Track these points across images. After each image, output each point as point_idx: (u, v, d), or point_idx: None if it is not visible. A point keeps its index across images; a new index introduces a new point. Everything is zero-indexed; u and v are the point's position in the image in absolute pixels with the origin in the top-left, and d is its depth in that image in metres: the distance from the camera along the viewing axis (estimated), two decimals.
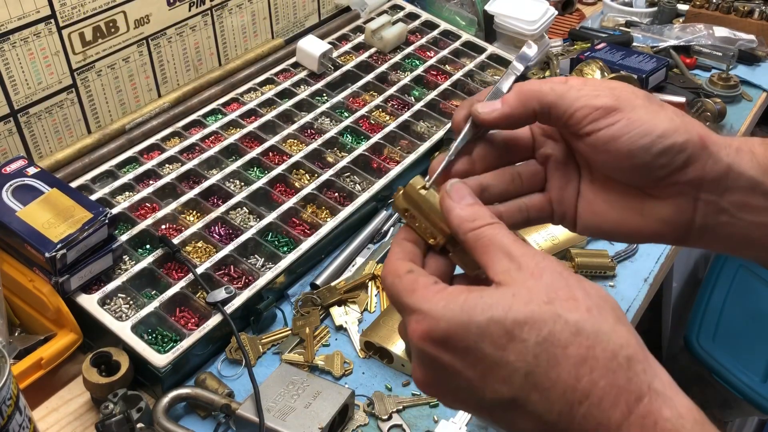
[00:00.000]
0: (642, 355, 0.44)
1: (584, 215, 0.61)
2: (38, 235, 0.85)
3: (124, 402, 0.80)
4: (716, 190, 0.57)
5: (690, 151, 0.56)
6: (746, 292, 1.67)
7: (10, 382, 0.65)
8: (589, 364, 0.43)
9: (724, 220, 0.58)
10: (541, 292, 0.45)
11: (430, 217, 0.53)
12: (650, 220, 0.59)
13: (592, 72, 1.29)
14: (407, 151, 1.17)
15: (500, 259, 0.48)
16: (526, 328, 0.44)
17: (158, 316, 0.89)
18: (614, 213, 0.60)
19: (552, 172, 0.61)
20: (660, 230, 0.59)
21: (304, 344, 0.91)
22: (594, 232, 0.62)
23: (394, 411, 0.84)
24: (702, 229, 0.58)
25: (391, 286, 0.50)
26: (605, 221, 0.60)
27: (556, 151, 0.61)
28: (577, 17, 1.73)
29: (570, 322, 0.44)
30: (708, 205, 0.57)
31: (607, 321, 0.44)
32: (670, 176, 0.57)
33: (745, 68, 1.51)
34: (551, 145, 0.61)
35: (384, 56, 1.38)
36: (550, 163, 0.61)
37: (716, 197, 0.57)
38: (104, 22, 1.08)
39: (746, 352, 1.55)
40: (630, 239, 0.62)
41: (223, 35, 1.29)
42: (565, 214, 0.61)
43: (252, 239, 0.99)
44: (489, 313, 0.45)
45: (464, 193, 0.52)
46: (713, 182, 0.57)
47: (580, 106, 0.55)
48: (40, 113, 1.06)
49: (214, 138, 1.17)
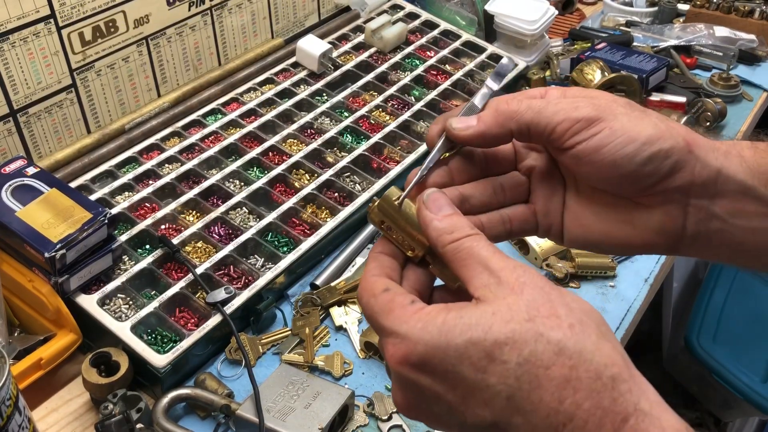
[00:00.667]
0: (627, 373, 0.42)
1: (571, 228, 0.59)
2: (38, 235, 0.85)
3: (124, 402, 0.80)
4: (706, 195, 0.55)
5: (676, 156, 0.54)
6: (746, 292, 1.67)
7: (10, 382, 0.64)
8: (573, 385, 0.41)
9: (717, 227, 0.56)
10: (521, 309, 0.43)
11: (408, 230, 0.51)
12: (640, 230, 0.57)
13: (592, 72, 1.29)
14: (407, 151, 1.17)
15: (479, 273, 0.46)
16: (507, 349, 0.42)
17: (158, 317, 0.89)
18: (602, 225, 0.58)
19: (536, 184, 0.59)
20: (651, 240, 0.57)
21: (304, 344, 0.91)
22: (582, 245, 0.59)
23: (394, 411, 0.84)
24: (694, 237, 0.56)
25: (367, 306, 0.48)
26: (593, 233, 0.58)
27: (539, 162, 0.59)
28: (577, 17, 1.73)
29: (552, 341, 0.42)
30: (699, 211, 0.56)
31: (590, 338, 0.43)
32: (658, 184, 0.55)
33: (745, 68, 1.51)
34: (534, 156, 0.59)
35: (384, 56, 1.38)
36: (534, 174, 0.59)
37: (707, 202, 0.55)
38: (104, 22, 1.08)
39: (746, 353, 1.55)
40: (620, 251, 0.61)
41: (223, 35, 1.29)
42: (551, 226, 0.59)
43: (252, 239, 0.99)
44: (468, 335, 0.43)
45: (442, 203, 0.50)
46: (702, 187, 0.55)
47: (560, 120, 0.53)
48: (40, 113, 1.06)
49: (213, 138, 1.17)
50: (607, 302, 0.99)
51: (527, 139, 0.56)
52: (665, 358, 1.79)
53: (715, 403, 1.67)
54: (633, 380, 0.42)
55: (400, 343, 0.45)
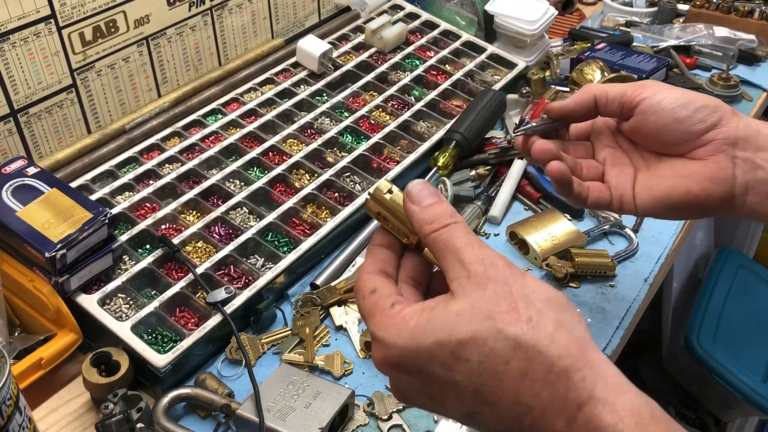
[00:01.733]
0: (582, 361, 0.45)
1: (641, 192, 0.72)
2: (38, 235, 0.85)
3: (124, 402, 0.80)
4: (750, 149, 0.68)
5: (721, 113, 0.69)
6: (746, 292, 1.67)
7: (10, 382, 0.65)
8: (530, 377, 0.45)
9: (762, 176, 0.68)
10: (483, 307, 0.47)
11: (400, 219, 0.54)
12: (697, 179, 0.69)
13: (592, 72, 1.29)
14: (407, 151, 1.17)
15: (453, 265, 0.49)
16: (469, 348, 0.46)
17: (158, 316, 0.89)
18: (666, 182, 0.71)
19: (608, 168, 0.77)
20: (708, 188, 0.68)
21: (304, 344, 0.91)
22: (651, 206, 0.72)
23: (394, 411, 0.84)
24: (744, 186, 0.68)
25: (358, 306, 0.53)
26: (659, 191, 0.71)
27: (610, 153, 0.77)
28: (577, 17, 1.73)
29: (510, 336, 0.45)
30: (745, 162, 0.68)
31: (545, 330, 0.46)
32: (707, 132, 0.69)
33: (745, 68, 1.51)
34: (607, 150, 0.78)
35: (384, 56, 1.38)
36: (607, 162, 0.77)
37: (751, 155, 0.67)
38: (104, 22, 1.08)
39: (746, 352, 1.55)
40: (684, 206, 0.72)
41: (223, 35, 1.29)
42: (622, 197, 0.74)
43: (252, 239, 0.99)
44: (434, 337, 0.47)
45: (425, 194, 0.53)
46: (746, 141, 0.68)
47: (626, 87, 0.72)
48: (40, 113, 1.06)
49: (214, 138, 1.17)
50: (607, 302, 0.99)
51: (605, 104, 0.74)
52: (665, 358, 1.79)
53: (715, 403, 1.67)
54: (588, 367, 0.45)
55: (380, 347, 0.50)
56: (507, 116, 1.30)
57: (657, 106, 0.70)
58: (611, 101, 0.73)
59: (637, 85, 0.73)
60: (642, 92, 0.71)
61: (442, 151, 1.16)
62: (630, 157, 0.76)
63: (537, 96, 1.34)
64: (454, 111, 1.26)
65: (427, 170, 1.16)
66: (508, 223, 1.09)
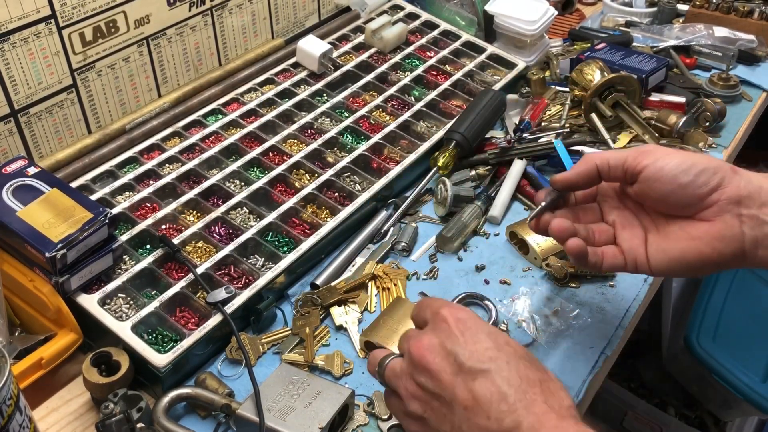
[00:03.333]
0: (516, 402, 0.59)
1: (654, 255, 0.75)
2: (38, 235, 0.85)
3: (124, 402, 0.80)
4: (754, 206, 0.70)
5: (722, 173, 0.71)
6: (746, 292, 1.67)
7: (11, 382, 0.65)
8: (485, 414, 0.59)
9: None
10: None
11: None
12: (706, 239, 0.71)
13: (591, 72, 1.29)
14: (407, 151, 1.17)
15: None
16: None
17: (158, 316, 0.89)
18: (677, 244, 0.73)
19: (619, 231, 0.80)
20: (718, 248, 0.71)
21: (304, 344, 0.91)
22: (666, 268, 0.75)
23: None
24: (753, 242, 0.70)
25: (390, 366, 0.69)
26: (672, 253, 0.74)
27: (619, 216, 0.80)
28: (577, 17, 1.73)
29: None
30: (751, 219, 0.70)
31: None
32: (711, 194, 0.71)
33: (745, 68, 1.51)
34: (615, 213, 0.81)
35: (384, 56, 1.38)
36: (617, 225, 0.80)
37: (756, 211, 0.70)
38: (104, 22, 1.08)
39: (746, 352, 1.55)
40: (697, 265, 0.74)
41: (223, 35, 1.29)
42: (636, 259, 0.76)
43: (252, 239, 0.99)
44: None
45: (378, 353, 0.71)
46: (749, 198, 0.70)
47: (628, 153, 0.76)
48: (41, 113, 1.06)
49: (214, 138, 1.17)
50: (607, 302, 0.99)
51: (607, 171, 0.77)
52: (665, 358, 1.79)
53: (715, 403, 1.67)
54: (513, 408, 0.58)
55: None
56: (507, 116, 1.31)
57: (660, 173, 0.72)
58: (613, 169, 0.76)
59: (637, 152, 0.75)
60: (643, 160, 0.74)
61: (442, 151, 1.16)
62: (638, 218, 0.79)
63: (537, 96, 1.34)
64: (454, 111, 1.26)
65: (427, 170, 1.16)
66: (508, 223, 1.09)
